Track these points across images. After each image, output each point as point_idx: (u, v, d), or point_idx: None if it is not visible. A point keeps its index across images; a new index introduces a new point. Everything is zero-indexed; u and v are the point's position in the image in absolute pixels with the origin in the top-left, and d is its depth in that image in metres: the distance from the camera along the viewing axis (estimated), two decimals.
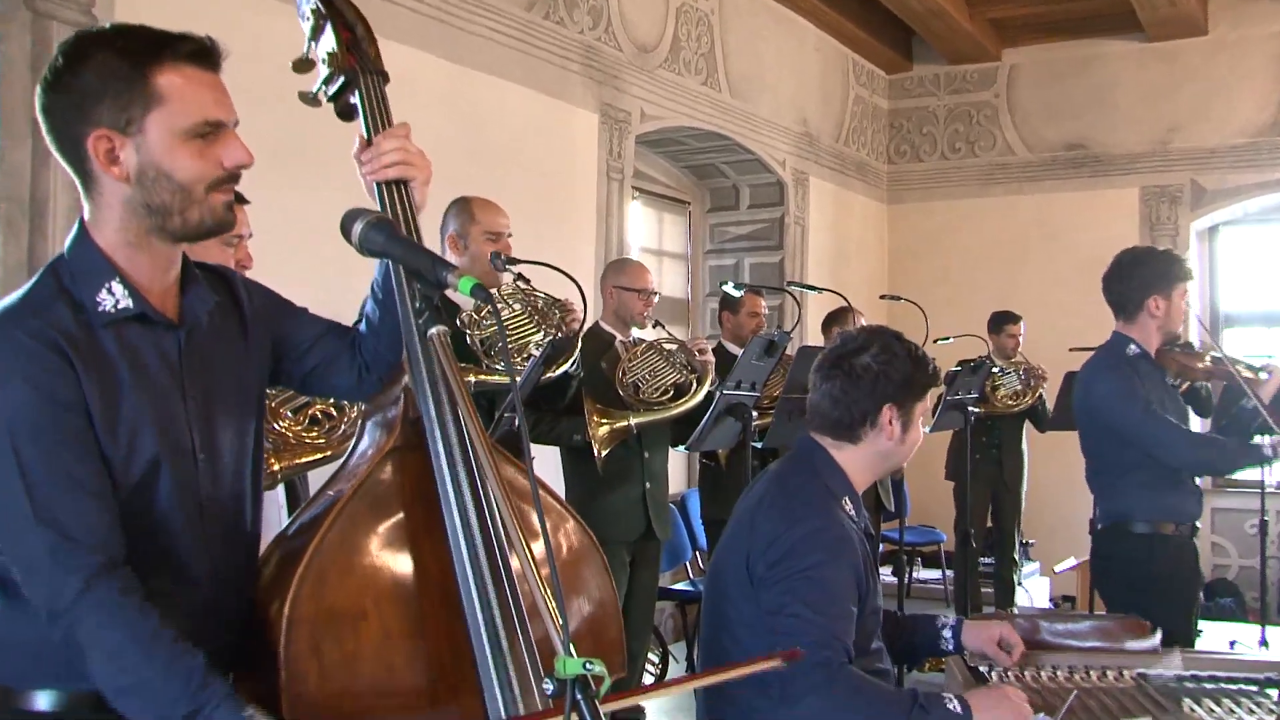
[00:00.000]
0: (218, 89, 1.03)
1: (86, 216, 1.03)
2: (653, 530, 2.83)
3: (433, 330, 0.95)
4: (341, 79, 1.18)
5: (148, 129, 0.99)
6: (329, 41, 1.19)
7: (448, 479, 1.01)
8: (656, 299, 2.97)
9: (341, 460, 1.17)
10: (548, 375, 2.24)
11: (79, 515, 0.93)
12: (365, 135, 1.18)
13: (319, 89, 1.19)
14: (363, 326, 1.23)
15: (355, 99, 1.19)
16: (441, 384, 1.04)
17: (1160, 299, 2.29)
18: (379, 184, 1.16)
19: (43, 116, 1.01)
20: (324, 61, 1.19)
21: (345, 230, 1.00)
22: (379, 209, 1.14)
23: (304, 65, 1.20)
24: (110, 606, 0.91)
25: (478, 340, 2.20)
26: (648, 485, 2.86)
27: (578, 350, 2.36)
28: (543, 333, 2.28)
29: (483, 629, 0.96)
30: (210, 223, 1.03)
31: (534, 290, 2.35)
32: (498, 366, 2.18)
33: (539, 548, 1.08)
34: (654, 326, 2.98)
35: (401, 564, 1.04)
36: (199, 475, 1.04)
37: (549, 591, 0.89)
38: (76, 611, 0.90)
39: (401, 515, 1.07)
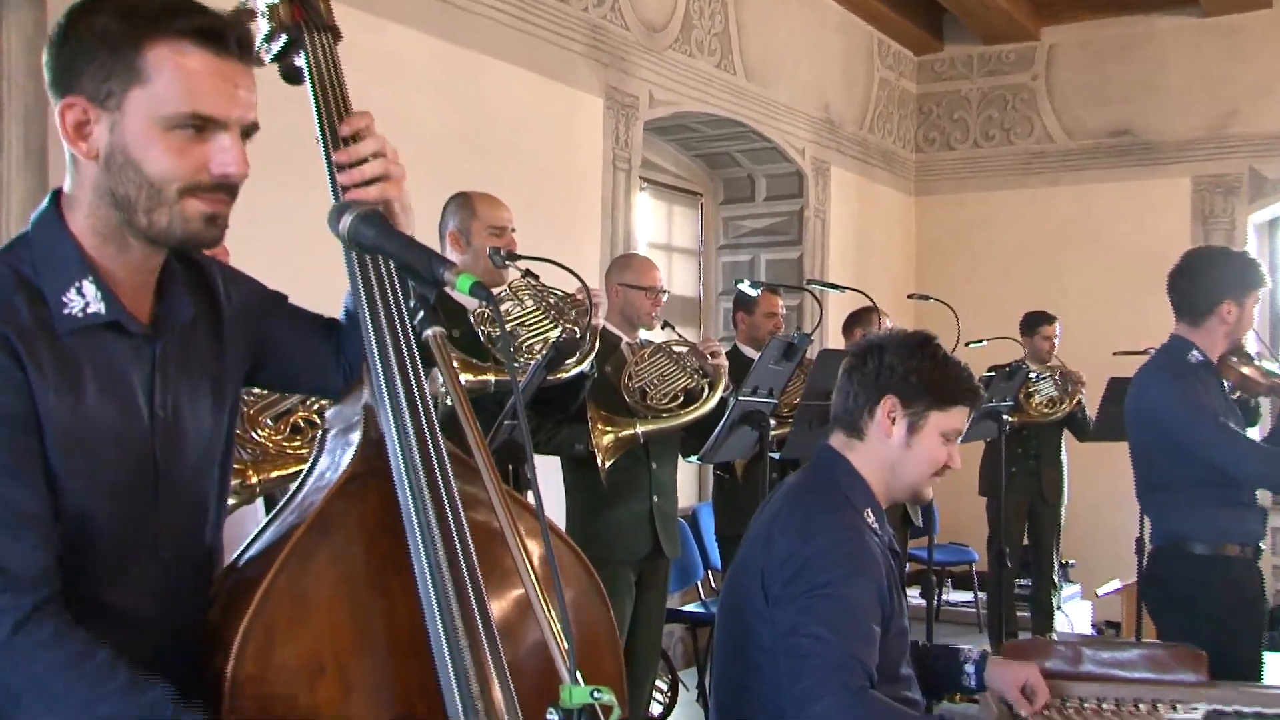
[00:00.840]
0: (225, 79, 0.95)
1: (66, 190, 0.97)
2: (661, 548, 2.84)
3: (429, 332, 0.91)
4: (284, 37, 1.10)
5: (126, 107, 0.93)
6: None
7: (412, 508, 0.97)
8: (665, 298, 2.97)
9: (299, 480, 1.11)
10: (555, 378, 2.23)
11: (15, 549, 0.87)
12: (314, 106, 1.11)
13: (259, 47, 1.10)
14: (343, 317, 1.19)
15: (301, 61, 1.11)
16: (409, 397, 1.01)
17: (1234, 304, 2.25)
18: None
19: (45, 72, 0.96)
20: (263, 15, 1.11)
21: (333, 223, 0.97)
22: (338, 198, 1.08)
23: (241, 15, 1.04)
24: (49, 645, 0.85)
25: (493, 336, 2.22)
26: (655, 499, 2.86)
27: (593, 349, 2.34)
28: (560, 329, 2.29)
29: (454, 680, 0.91)
30: (179, 233, 0.96)
31: (545, 286, 2.36)
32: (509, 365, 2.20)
33: (537, 551, 1.04)
34: (663, 328, 2.98)
35: (364, 608, 0.99)
36: (158, 507, 0.99)
37: (552, 613, 0.87)
38: (10, 654, 0.84)
39: (364, 552, 1.02)
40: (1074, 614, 4.89)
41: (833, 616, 1.39)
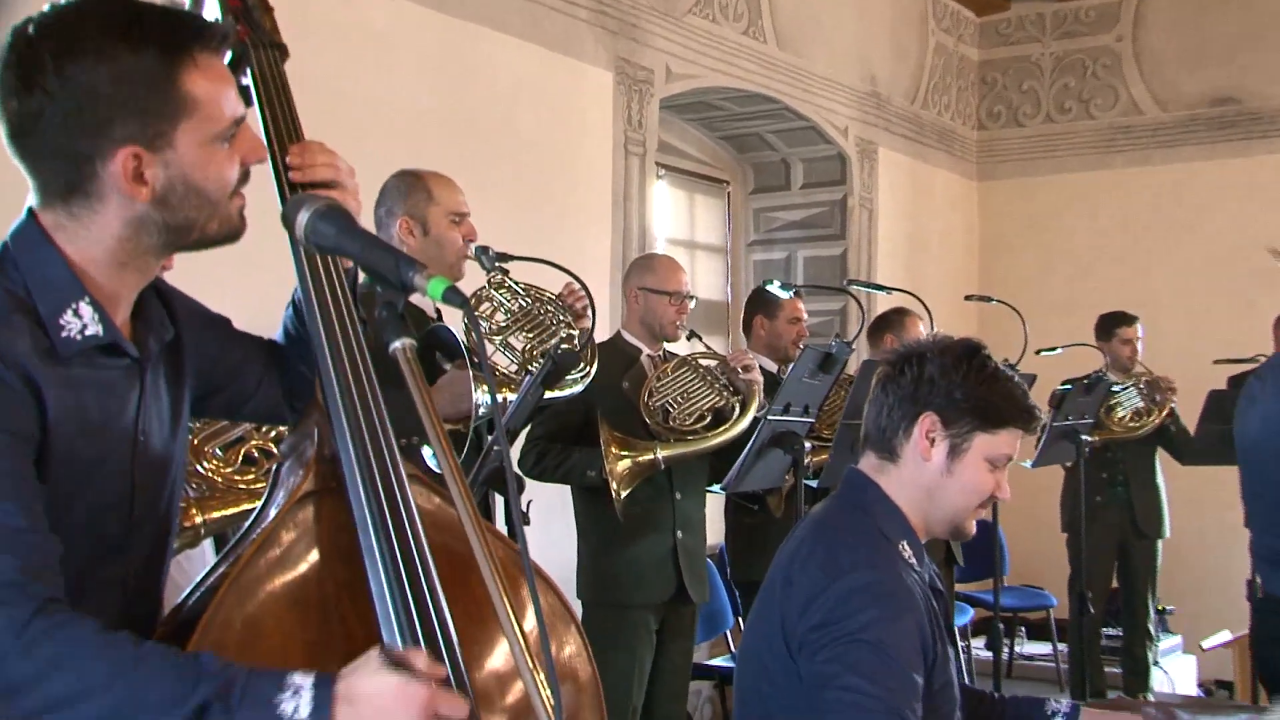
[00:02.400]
0: (228, 76, 1.08)
1: (48, 219, 1.05)
2: (686, 591, 2.85)
3: (396, 344, 0.93)
4: (229, 54, 1.17)
5: (178, 141, 1.03)
6: (213, 7, 1.20)
7: (371, 530, 1.01)
8: (693, 304, 2.99)
9: (252, 517, 1.16)
10: (555, 394, 2.23)
11: (16, 552, 0.93)
12: (262, 126, 1.19)
13: None
14: (280, 337, 1.27)
15: (248, 80, 1.20)
16: (365, 411, 1.05)
17: None
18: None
19: (16, 121, 1.01)
20: None
21: (288, 220, 1.01)
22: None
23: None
24: (58, 631, 0.91)
25: (495, 342, 2.23)
26: (680, 535, 2.87)
27: (593, 360, 2.36)
28: (555, 337, 2.29)
29: None
30: (224, 232, 1.09)
31: (530, 286, 2.36)
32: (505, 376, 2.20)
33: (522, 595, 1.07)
34: (688, 338, 3.00)
35: (318, 636, 1.04)
36: (131, 537, 1.07)
37: (537, 666, 0.90)
38: (19, 645, 0.90)
39: (317, 576, 1.07)
40: (1175, 671, 4.79)
41: (870, 666, 1.37)
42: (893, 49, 5.52)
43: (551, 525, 3.00)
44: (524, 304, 2.35)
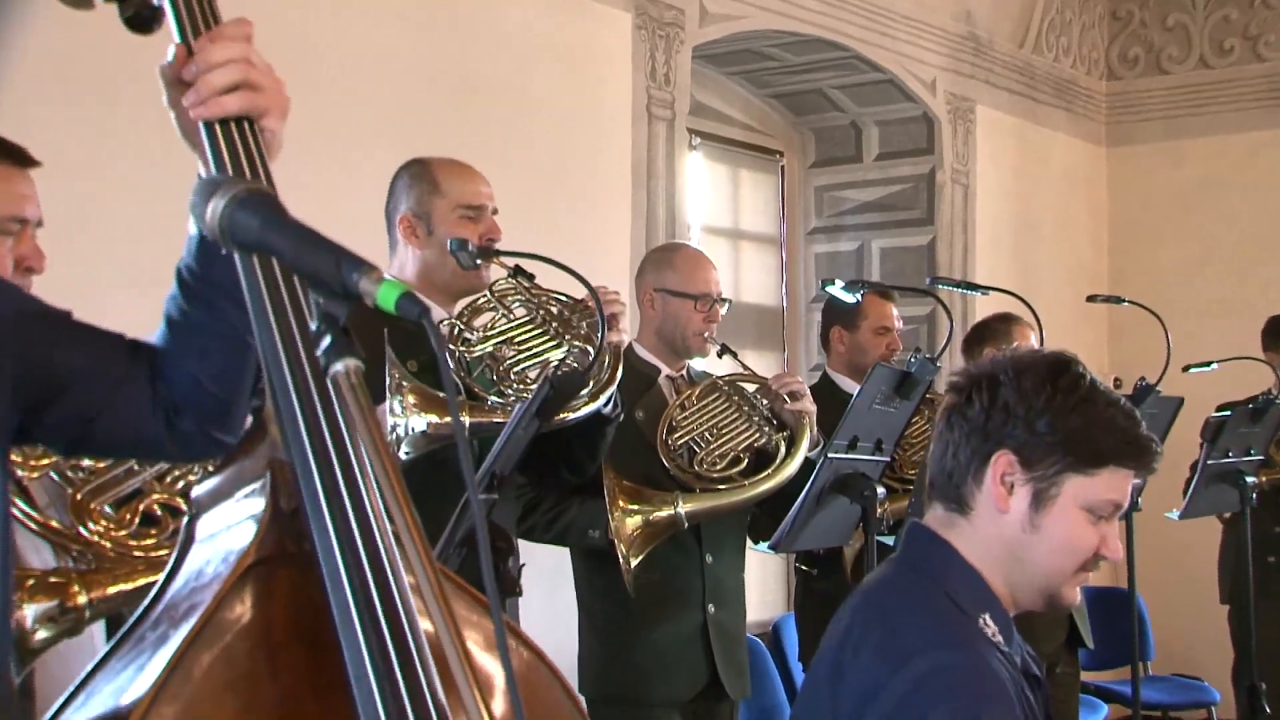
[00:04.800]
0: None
1: None
2: (720, 683, 2.82)
3: (337, 367, 0.93)
4: None
5: None
6: None
7: (351, 606, 1.01)
8: (726, 310, 2.97)
9: (158, 584, 1.14)
10: (563, 421, 2.23)
11: None
12: (177, 35, 1.21)
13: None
14: (159, 338, 1.26)
15: None
16: (338, 449, 1.04)
17: None
18: (208, 125, 1.18)
19: None
20: None
21: (198, 208, 1.00)
22: (211, 166, 1.17)
23: None
24: None
25: (467, 360, 2.26)
26: (711, 610, 2.84)
27: (613, 378, 2.35)
28: (565, 349, 2.33)
29: None
30: None
31: (543, 289, 2.39)
32: (498, 398, 2.22)
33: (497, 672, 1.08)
34: (720, 355, 2.97)
35: None
36: None
37: None
38: None
39: (274, 669, 1.06)
40: None
41: None
42: None
43: (559, 594, 3.01)
44: (530, 310, 2.37)
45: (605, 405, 2.37)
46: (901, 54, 5.05)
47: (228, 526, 1.14)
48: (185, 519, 1.18)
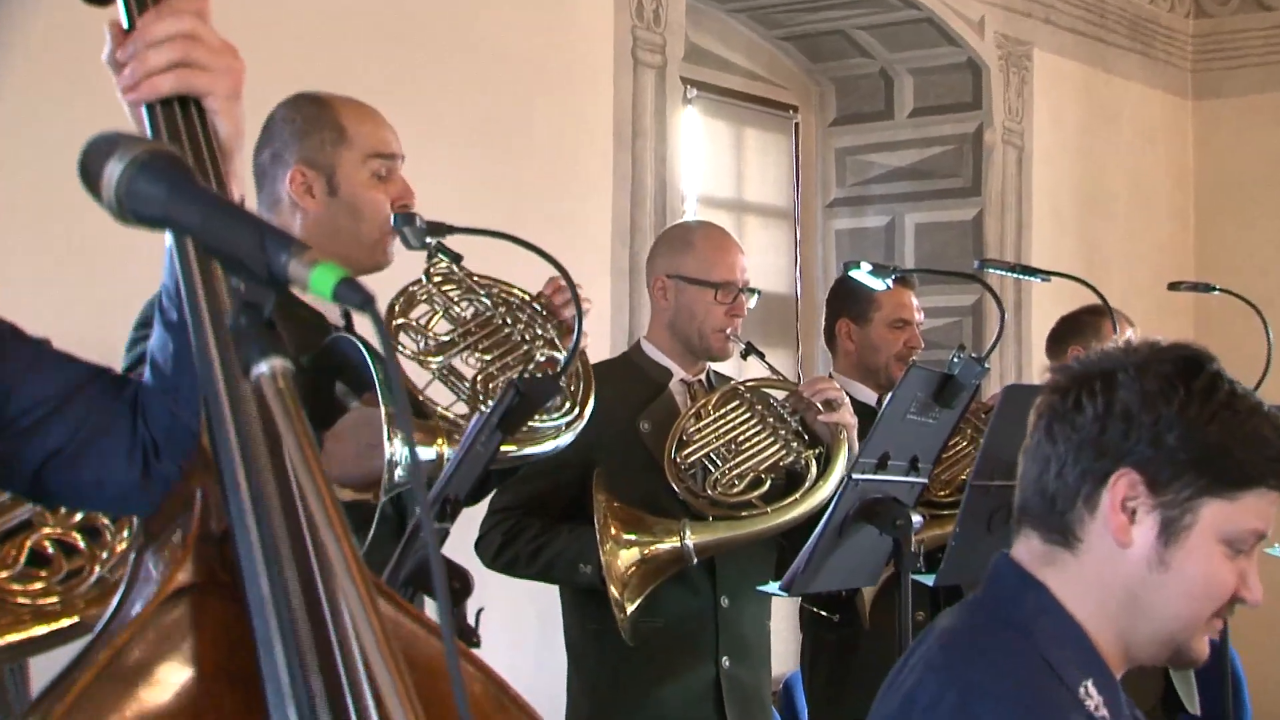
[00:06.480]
0: None
1: None
2: None
3: (260, 369, 0.95)
4: None
5: None
6: None
7: (279, 648, 1.04)
8: (753, 302, 3.00)
9: (102, 623, 1.19)
10: (526, 450, 2.26)
11: None
12: (116, 23, 1.27)
13: None
14: (148, 373, 1.30)
15: None
16: (277, 471, 1.07)
17: None
18: (149, 107, 1.23)
19: None
20: None
21: (89, 173, 1.01)
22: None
23: None
24: None
25: (433, 366, 2.25)
26: (726, 663, 2.85)
27: (588, 394, 2.38)
28: (525, 356, 2.32)
29: None
30: None
31: (494, 280, 2.36)
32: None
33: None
34: (745, 356, 3.00)
35: None
36: None
37: None
38: None
39: (194, 715, 1.10)
40: None
41: None
42: None
43: (549, 637, 2.98)
44: (482, 307, 2.35)
45: (570, 419, 2.35)
46: None
47: (157, 558, 1.22)
48: (136, 549, 1.21)
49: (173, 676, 1.12)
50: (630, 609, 2.63)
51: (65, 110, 2.76)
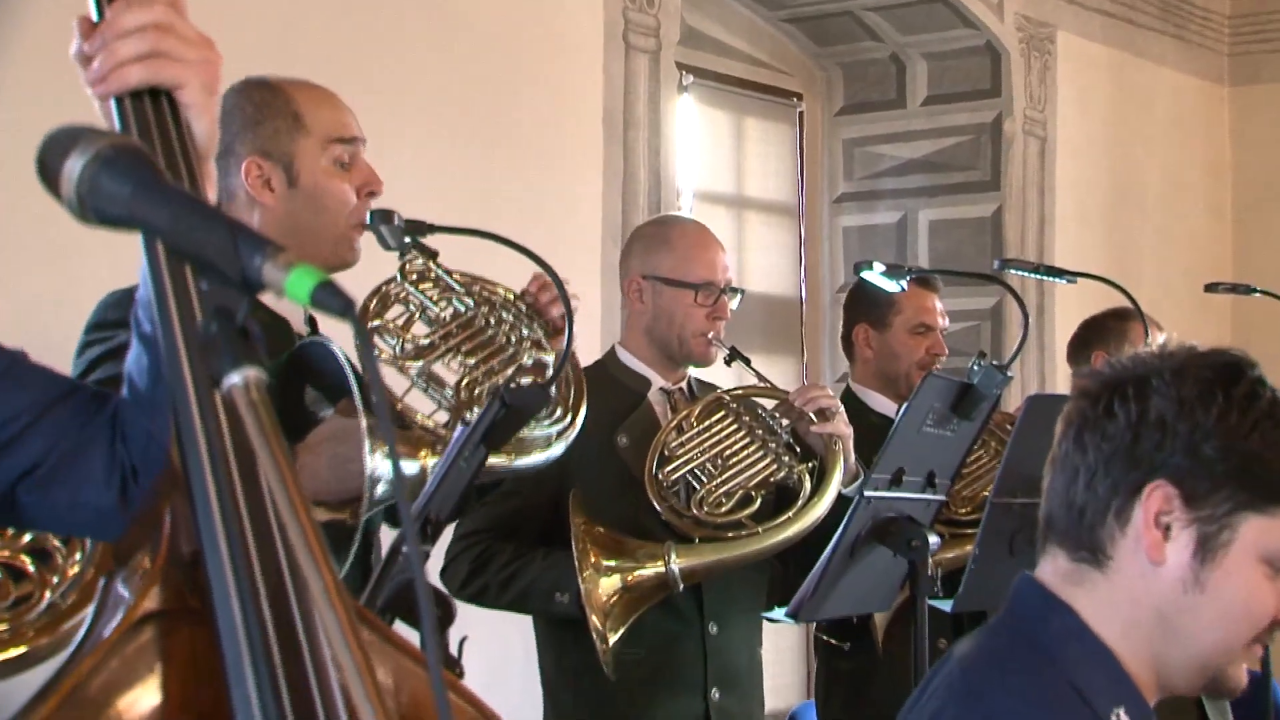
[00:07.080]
0: None
1: None
2: None
3: (232, 379, 0.96)
4: None
5: None
6: None
7: (247, 669, 1.05)
8: (736, 303, 2.97)
9: (70, 651, 1.21)
10: (514, 462, 2.26)
11: None
12: (85, 18, 1.28)
13: None
14: (125, 390, 1.31)
15: None
16: (249, 489, 1.05)
17: None
18: (118, 100, 1.25)
19: None
20: None
21: (48, 169, 1.03)
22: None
23: None
24: None
25: (412, 372, 2.28)
26: (716, 696, 2.87)
27: (579, 400, 2.40)
28: (512, 361, 2.34)
29: None
30: None
31: (474, 278, 2.37)
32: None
33: None
34: (729, 362, 2.99)
35: None
36: None
37: None
38: None
39: None
40: None
41: None
42: None
43: (534, 666, 3.01)
44: (463, 307, 2.34)
45: (563, 428, 2.35)
46: None
47: (127, 582, 1.25)
48: (105, 575, 1.20)
49: (137, 706, 1.11)
50: (613, 640, 2.60)
51: (65, 111, 2.76)
